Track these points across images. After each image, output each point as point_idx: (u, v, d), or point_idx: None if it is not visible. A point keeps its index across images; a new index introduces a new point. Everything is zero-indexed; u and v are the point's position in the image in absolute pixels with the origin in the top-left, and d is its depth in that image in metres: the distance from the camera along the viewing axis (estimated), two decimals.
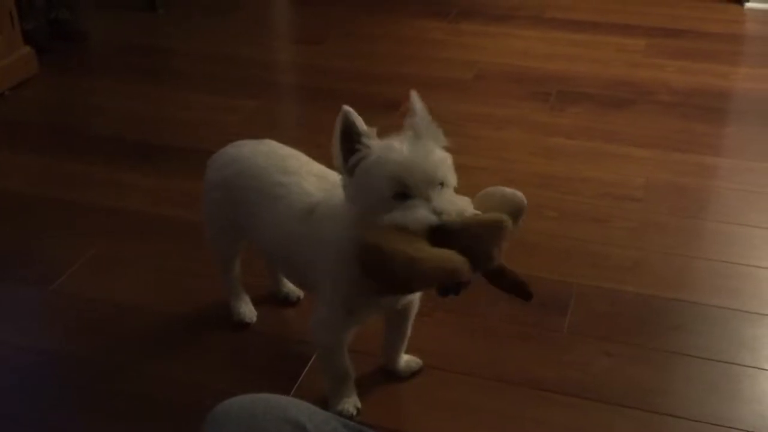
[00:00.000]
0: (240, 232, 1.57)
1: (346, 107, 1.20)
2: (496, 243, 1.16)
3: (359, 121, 1.20)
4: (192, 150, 2.39)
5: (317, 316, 1.41)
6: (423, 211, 1.14)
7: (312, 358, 1.60)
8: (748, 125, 2.59)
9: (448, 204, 1.15)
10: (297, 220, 1.40)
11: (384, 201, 1.17)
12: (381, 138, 1.21)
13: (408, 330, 1.54)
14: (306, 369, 1.59)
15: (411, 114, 1.23)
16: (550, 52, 3.14)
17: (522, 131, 2.55)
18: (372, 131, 1.21)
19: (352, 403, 1.47)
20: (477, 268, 1.14)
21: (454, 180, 1.21)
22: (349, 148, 1.21)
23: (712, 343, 1.66)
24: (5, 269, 1.95)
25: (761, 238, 2.01)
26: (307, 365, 1.60)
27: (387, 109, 2.29)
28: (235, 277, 1.71)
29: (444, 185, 1.18)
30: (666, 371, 1.60)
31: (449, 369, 1.61)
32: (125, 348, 1.69)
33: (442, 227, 1.13)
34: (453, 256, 1.12)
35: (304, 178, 1.44)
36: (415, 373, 1.58)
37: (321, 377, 1.50)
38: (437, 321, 1.72)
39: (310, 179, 1.44)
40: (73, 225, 2.11)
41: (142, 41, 3.36)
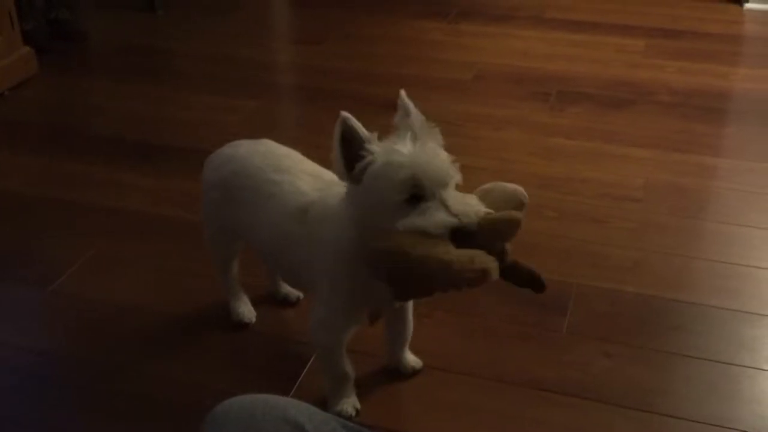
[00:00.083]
0: (237, 232, 1.57)
1: (344, 113, 1.17)
2: (509, 240, 1.17)
3: (359, 127, 1.18)
4: (192, 150, 2.38)
5: (316, 316, 1.41)
6: (441, 214, 1.13)
7: (311, 358, 1.60)
8: (747, 125, 2.59)
9: (463, 205, 1.15)
10: (291, 219, 1.39)
11: (396, 205, 1.15)
12: (381, 139, 1.20)
13: (410, 323, 1.53)
14: (305, 369, 1.59)
15: (404, 114, 1.21)
16: (549, 52, 3.14)
17: (522, 131, 2.55)
18: (373, 136, 1.19)
19: (351, 404, 1.47)
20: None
21: (459, 179, 1.20)
22: (350, 154, 1.18)
23: (711, 344, 1.66)
24: (5, 269, 1.95)
25: (761, 238, 2.01)
26: (307, 366, 1.60)
27: (387, 110, 2.24)
28: (234, 278, 1.71)
29: (451, 185, 1.18)
30: (666, 371, 1.60)
31: (449, 369, 1.60)
32: (125, 348, 1.69)
33: (462, 228, 1.13)
34: (482, 256, 1.11)
35: (297, 176, 1.42)
36: (416, 373, 1.58)
37: (320, 378, 1.50)
38: (437, 321, 1.72)
39: (304, 178, 1.42)
40: (73, 225, 2.11)
41: (141, 41, 3.36)
